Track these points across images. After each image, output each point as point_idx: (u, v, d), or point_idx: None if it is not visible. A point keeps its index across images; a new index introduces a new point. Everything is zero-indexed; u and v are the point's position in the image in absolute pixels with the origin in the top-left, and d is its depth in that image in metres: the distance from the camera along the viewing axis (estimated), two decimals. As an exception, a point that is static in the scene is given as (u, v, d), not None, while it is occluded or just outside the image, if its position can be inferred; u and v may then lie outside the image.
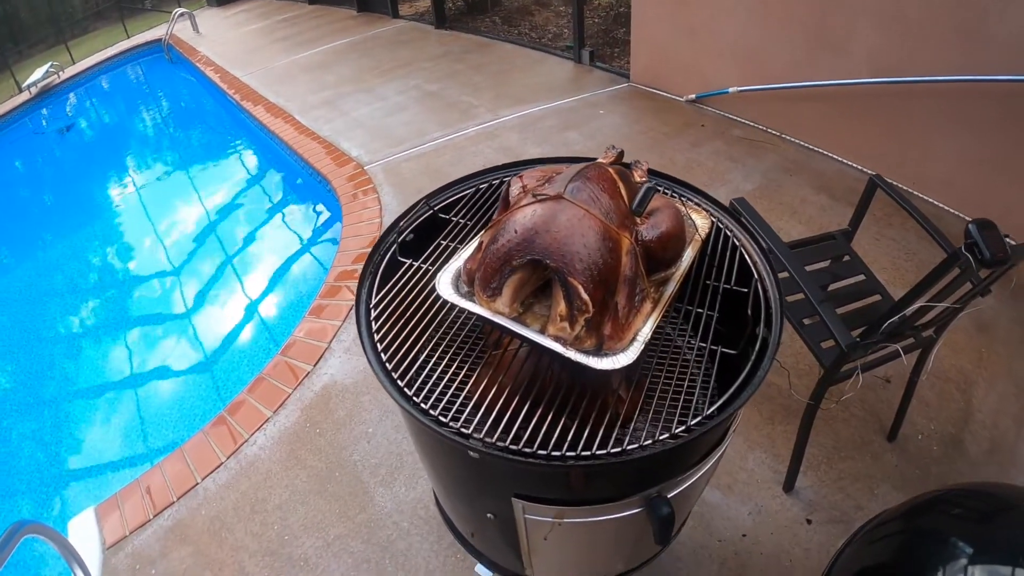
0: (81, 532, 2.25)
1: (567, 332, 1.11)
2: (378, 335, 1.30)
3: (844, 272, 2.17)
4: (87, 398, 3.01)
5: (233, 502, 2.22)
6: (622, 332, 1.12)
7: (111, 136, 5.67)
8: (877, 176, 2.19)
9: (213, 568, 2.11)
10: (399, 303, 1.37)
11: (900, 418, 2.25)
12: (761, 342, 1.25)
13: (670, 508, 1.19)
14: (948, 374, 2.48)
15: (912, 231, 3.05)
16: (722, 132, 4.14)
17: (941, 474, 2.20)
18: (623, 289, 1.12)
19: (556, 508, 1.20)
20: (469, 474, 1.27)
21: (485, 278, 1.16)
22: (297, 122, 4.44)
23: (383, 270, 1.45)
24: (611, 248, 1.11)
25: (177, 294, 3.72)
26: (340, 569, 2.05)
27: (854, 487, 2.17)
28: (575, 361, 1.09)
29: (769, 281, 1.36)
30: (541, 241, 1.11)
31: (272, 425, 2.40)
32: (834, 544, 2.05)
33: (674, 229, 1.22)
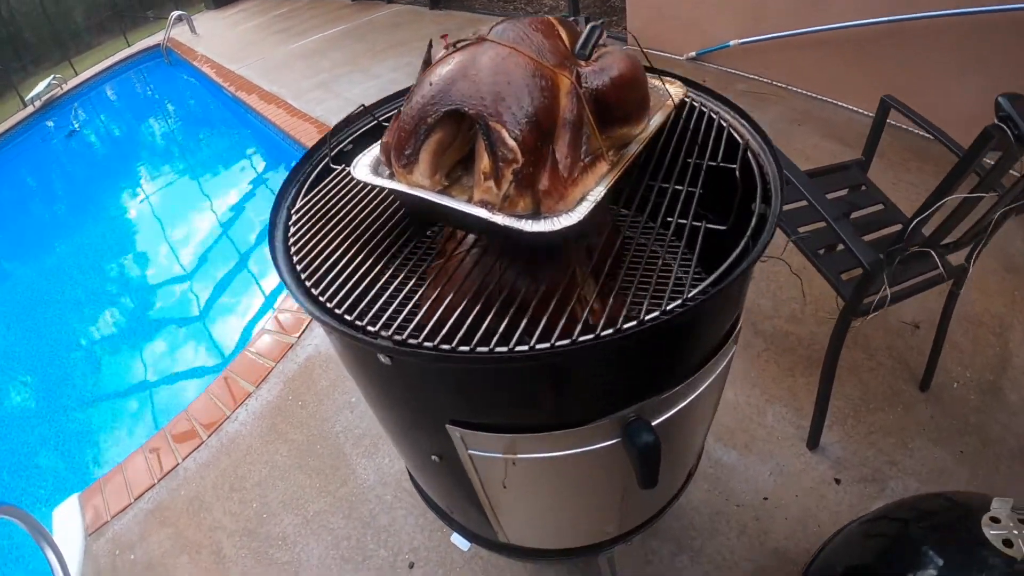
0: (65, 519, 1.95)
1: (493, 193, 0.76)
2: (294, 238, 0.97)
3: (861, 201, 1.77)
4: (70, 383, 2.71)
5: (212, 481, 1.90)
6: (564, 189, 0.76)
7: (112, 138, 5.44)
8: (889, 96, 1.80)
9: (190, 551, 1.78)
10: (326, 207, 1.03)
11: (932, 365, 1.83)
12: (758, 219, 0.88)
13: (653, 436, 0.82)
14: (981, 318, 2.04)
15: (931, 174, 2.60)
16: (725, 88, 3.65)
17: (980, 424, 1.77)
18: (563, 134, 0.77)
19: (504, 438, 0.84)
20: (392, 395, 0.92)
21: (399, 145, 0.82)
22: (290, 106, 4.15)
23: (313, 179, 1.12)
24: (544, 86, 0.77)
25: (162, 273, 3.44)
26: (319, 547, 1.71)
27: (886, 441, 1.75)
28: (502, 227, 0.74)
29: (765, 156, 0.99)
30: (458, 88, 0.77)
31: (254, 400, 2.08)
32: (866, 506, 1.64)
33: (628, 72, 0.85)
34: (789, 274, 2.12)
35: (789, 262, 2.17)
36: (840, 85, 3.20)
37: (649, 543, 1.59)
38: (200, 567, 1.75)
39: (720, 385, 1.02)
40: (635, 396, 0.82)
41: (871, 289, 1.49)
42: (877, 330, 1.97)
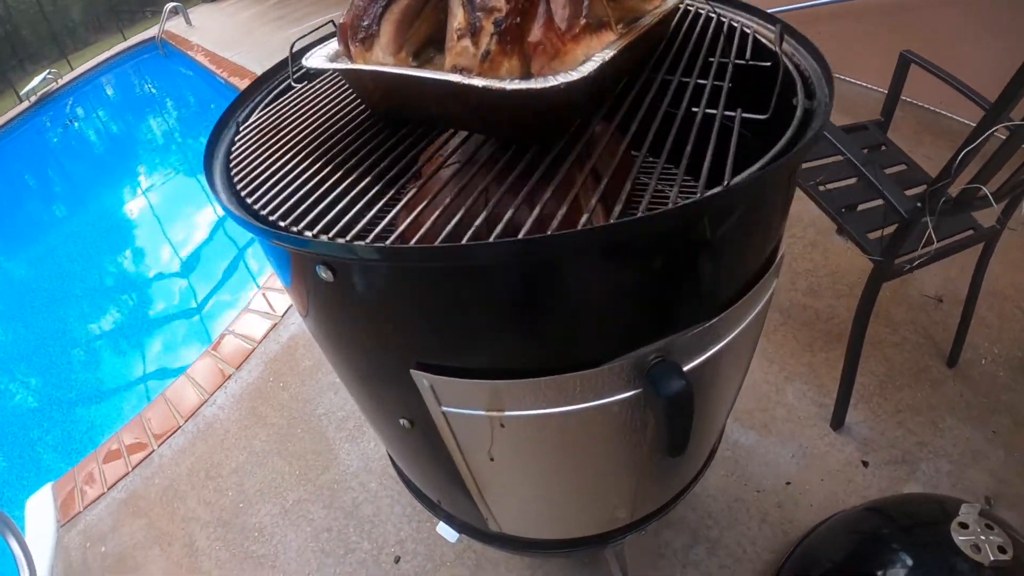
0: (38, 510, 1.70)
1: (470, 54, 0.51)
2: (239, 149, 0.73)
3: (883, 160, 1.52)
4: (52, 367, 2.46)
5: (188, 468, 1.64)
6: (561, 43, 0.52)
7: (107, 131, 5.14)
8: (908, 51, 1.56)
9: (162, 542, 1.53)
10: (283, 121, 0.79)
11: (961, 340, 1.57)
12: (803, 113, 0.64)
13: (684, 382, 0.57)
14: (1005, 292, 1.78)
15: (946, 147, 2.35)
16: None
17: (1012, 403, 1.51)
18: None
19: (486, 388, 0.59)
20: (342, 331, 0.67)
21: (356, 18, 0.59)
22: None
23: (273, 97, 0.88)
24: None
25: (151, 257, 3.16)
26: (298, 539, 1.45)
27: (915, 421, 1.49)
28: (482, 90, 0.50)
29: (799, 55, 0.75)
30: None
31: (234, 383, 1.82)
32: (896, 490, 1.38)
33: None
34: (805, 244, 1.87)
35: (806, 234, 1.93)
36: (849, 62, 2.90)
37: (662, 534, 1.32)
38: (172, 560, 1.49)
39: (756, 332, 0.77)
40: (659, 328, 0.57)
41: (905, 247, 1.24)
42: (900, 304, 1.71)
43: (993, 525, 0.99)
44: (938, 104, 2.48)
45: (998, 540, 0.96)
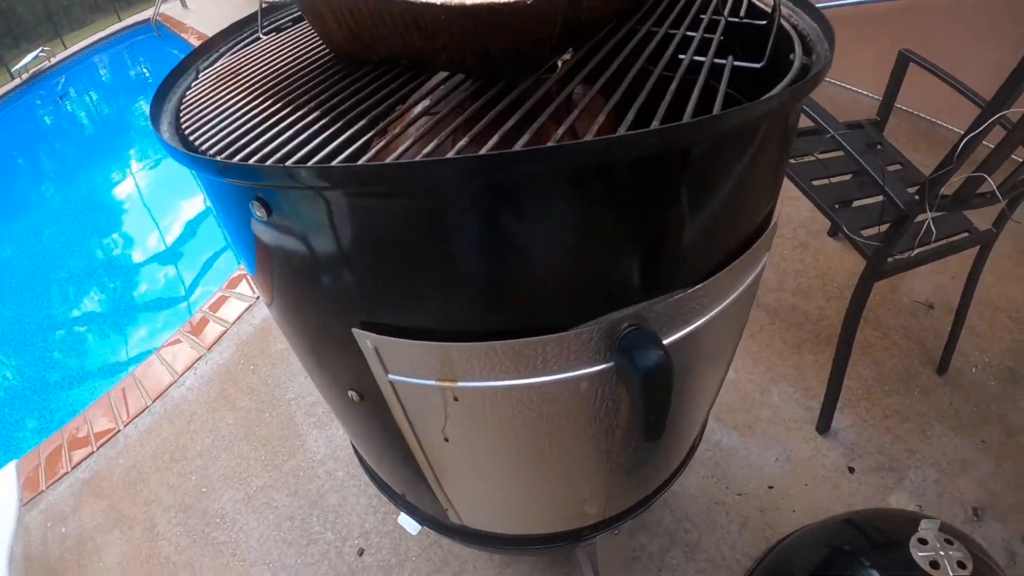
0: (1, 488, 1.59)
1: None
2: (192, 92, 0.65)
3: (879, 159, 1.45)
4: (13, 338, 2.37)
5: (152, 450, 1.55)
6: None
7: (98, 110, 5.01)
8: (907, 50, 1.49)
9: (123, 525, 1.43)
10: (244, 65, 0.70)
11: (951, 348, 1.49)
12: (800, 68, 0.55)
13: (663, 353, 0.49)
14: (997, 302, 1.70)
15: (941, 155, 2.28)
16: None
17: (1002, 413, 1.43)
18: None
19: (437, 351, 0.50)
20: (281, 279, 0.58)
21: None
22: None
23: (243, 45, 0.80)
24: None
25: (134, 236, 3.04)
26: (260, 527, 1.35)
27: (903, 427, 1.41)
28: (438, 7, 0.41)
29: (797, 16, 0.67)
30: None
31: (204, 364, 1.72)
32: (883, 498, 1.30)
33: None
34: (794, 246, 1.78)
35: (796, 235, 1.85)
36: (843, 68, 2.84)
37: (637, 537, 1.23)
38: (131, 544, 1.39)
39: (743, 313, 0.68)
40: (635, 292, 0.49)
41: (899, 245, 1.16)
42: (890, 309, 1.64)
43: (953, 540, 0.91)
44: (934, 113, 2.41)
45: (957, 555, 0.89)
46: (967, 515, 1.26)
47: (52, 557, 1.42)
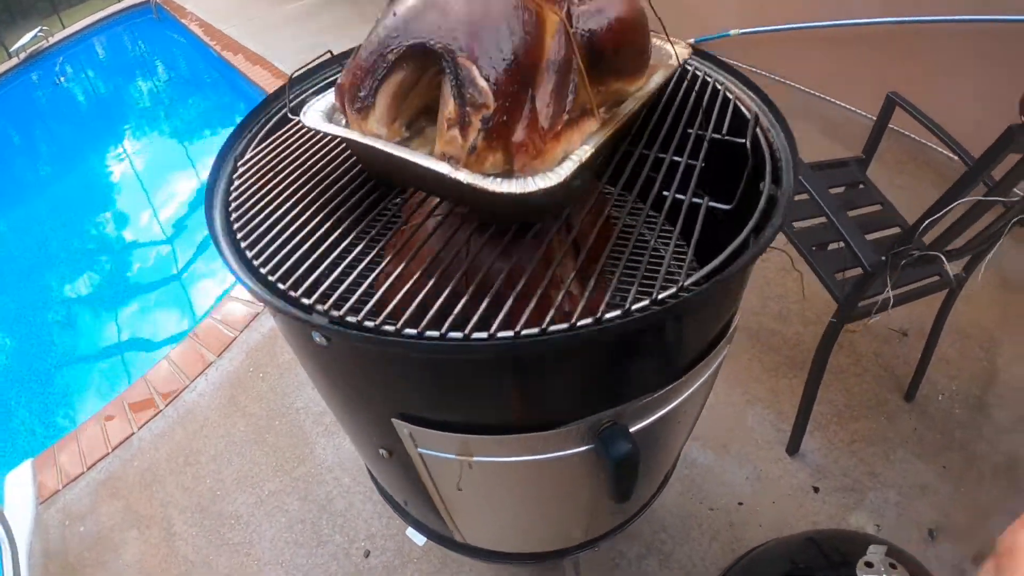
0: (17, 486, 1.78)
1: (458, 144, 0.60)
2: (236, 192, 0.81)
3: (860, 200, 1.63)
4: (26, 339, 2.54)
5: (167, 453, 1.74)
6: (543, 143, 0.61)
7: (97, 93, 5.06)
8: (894, 93, 1.65)
9: (140, 525, 1.63)
10: (279, 161, 0.87)
11: (920, 376, 1.70)
12: (767, 200, 0.73)
13: (631, 445, 0.67)
14: (968, 330, 1.91)
15: (927, 179, 2.46)
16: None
17: (966, 440, 1.64)
18: (546, 79, 0.62)
19: (458, 439, 0.69)
20: (333, 379, 0.77)
21: (353, 85, 0.67)
22: (278, 70, 3.82)
23: (268, 130, 0.96)
24: (528, 21, 0.61)
25: (137, 233, 3.17)
26: (272, 529, 1.56)
27: (868, 451, 1.62)
28: (467, 186, 0.58)
29: (774, 131, 0.84)
30: (426, 20, 0.61)
31: (215, 370, 1.92)
32: (843, 517, 1.51)
33: (629, 15, 0.70)
34: (778, 269, 1.98)
35: (782, 259, 2.03)
36: (842, 84, 3.01)
37: (617, 544, 1.45)
38: (149, 543, 1.59)
39: (708, 389, 0.87)
40: (613, 398, 0.68)
41: (868, 292, 1.35)
42: (864, 335, 1.84)
43: (897, 565, 1.10)
44: (922, 135, 2.59)
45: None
46: (923, 536, 1.48)
47: (71, 554, 1.62)
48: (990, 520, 1.49)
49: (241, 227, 0.75)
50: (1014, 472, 1.59)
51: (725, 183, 0.78)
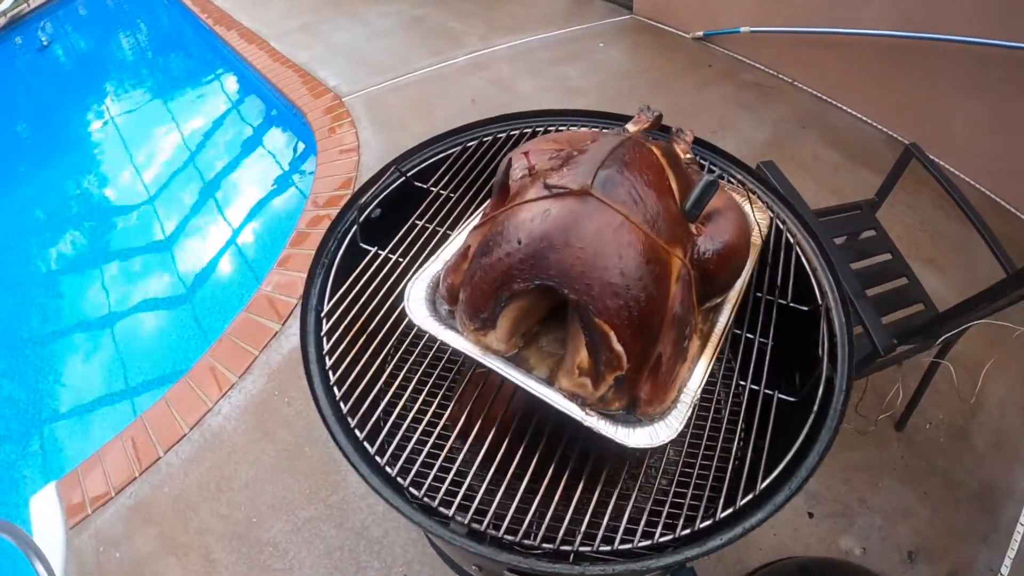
0: (44, 510, 1.91)
1: (588, 391, 0.75)
2: (330, 361, 0.95)
3: (869, 249, 1.82)
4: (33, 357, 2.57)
5: (197, 479, 1.90)
6: (664, 392, 0.77)
7: (82, 62, 4.88)
8: (914, 145, 1.81)
9: (178, 552, 1.81)
10: (359, 312, 1.00)
11: (913, 406, 1.96)
12: (826, 384, 0.92)
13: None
14: (961, 359, 2.15)
15: (926, 197, 2.67)
16: (731, 75, 3.61)
17: (946, 467, 1.92)
18: (670, 332, 0.76)
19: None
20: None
21: (473, 304, 0.80)
22: (272, 48, 3.79)
23: (340, 259, 1.08)
24: (658, 275, 0.74)
25: (134, 231, 3.14)
26: (312, 555, 1.76)
27: (859, 478, 1.89)
28: (598, 433, 0.75)
29: (832, 296, 1.02)
30: (557, 259, 0.73)
31: (237, 392, 2.06)
32: (834, 540, 1.79)
33: (739, 241, 0.85)
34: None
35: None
36: (851, 91, 3.18)
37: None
38: (189, 570, 1.77)
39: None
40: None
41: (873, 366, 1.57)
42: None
43: None
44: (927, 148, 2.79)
45: None
46: (902, 557, 1.77)
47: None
48: (964, 543, 1.79)
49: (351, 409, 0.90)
50: (986, 497, 1.88)
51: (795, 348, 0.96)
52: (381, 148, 3.04)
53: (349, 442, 0.87)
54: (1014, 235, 2.65)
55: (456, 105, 3.36)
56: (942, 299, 2.29)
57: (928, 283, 2.36)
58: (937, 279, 2.40)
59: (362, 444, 0.89)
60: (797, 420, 0.92)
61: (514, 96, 3.43)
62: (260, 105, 3.82)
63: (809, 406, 0.91)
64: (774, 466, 0.88)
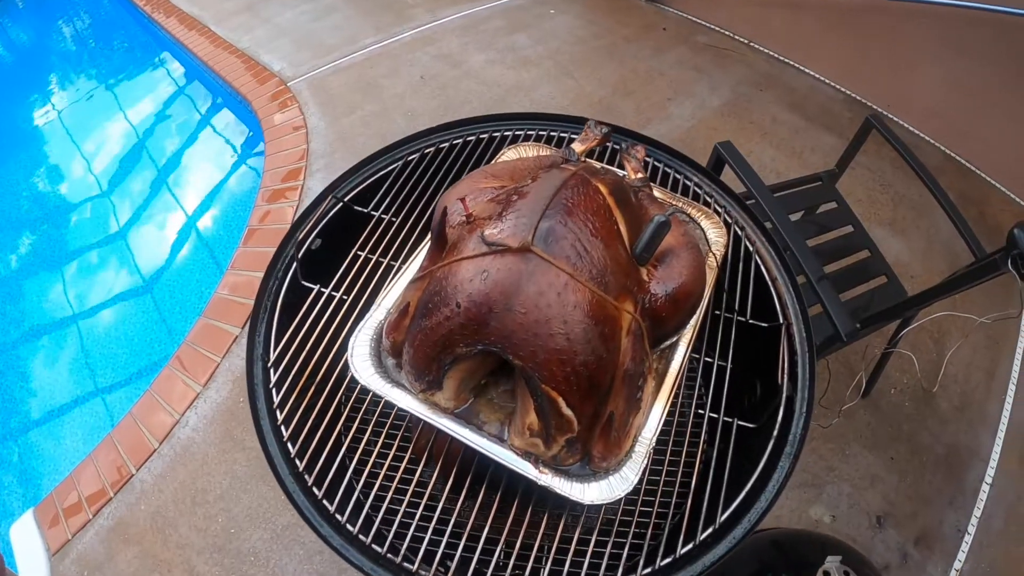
0: (24, 538, 1.88)
1: (540, 450, 0.74)
2: (281, 415, 0.93)
3: (830, 222, 1.81)
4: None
5: (172, 494, 1.89)
6: (618, 446, 0.76)
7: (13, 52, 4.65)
8: (874, 116, 1.78)
9: (161, 569, 1.80)
10: (306, 359, 0.97)
11: (877, 374, 1.99)
12: (785, 407, 0.91)
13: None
14: (922, 323, 2.19)
15: (887, 160, 2.66)
16: (686, 37, 3.54)
17: (912, 432, 1.98)
18: (621, 390, 0.75)
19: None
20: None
21: (417, 367, 0.77)
22: (213, 33, 3.59)
23: (283, 299, 1.05)
24: (606, 334, 0.72)
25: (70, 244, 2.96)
26: (293, 562, 1.78)
27: (826, 447, 1.93)
28: (555, 492, 0.74)
29: (794, 311, 1.01)
30: (499, 324, 0.71)
31: (203, 402, 2.03)
32: (804, 510, 1.84)
33: (692, 282, 0.83)
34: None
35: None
36: (807, 51, 3.14)
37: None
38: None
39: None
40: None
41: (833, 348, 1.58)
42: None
43: (851, 572, 1.42)
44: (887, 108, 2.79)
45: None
46: (871, 524, 1.82)
47: (98, 604, 1.80)
48: (931, 506, 1.85)
49: (309, 468, 0.89)
50: (952, 460, 1.94)
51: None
52: (330, 134, 2.94)
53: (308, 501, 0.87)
54: (973, 194, 2.67)
55: (405, 83, 3.23)
56: (904, 265, 2.33)
57: (890, 247, 2.39)
58: (899, 243, 2.42)
59: (321, 503, 0.88)
60: (757, 446, 0.92)
61: (464, 71, 3.30)
62: (205, 95, 3.62)
63: (768, 431, 0.90)
64: (733, 498, 0.88)
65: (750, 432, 0.94)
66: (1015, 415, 2.06)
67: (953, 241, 1.66)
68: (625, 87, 3.20)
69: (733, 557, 1.71)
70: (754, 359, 1.03)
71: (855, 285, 1.74)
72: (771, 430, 0.91)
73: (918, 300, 1.36)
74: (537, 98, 3.13)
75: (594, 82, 3.24)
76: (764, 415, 0.94)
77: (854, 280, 1.74)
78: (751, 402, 1.06)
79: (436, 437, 0.91)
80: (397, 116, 3.00)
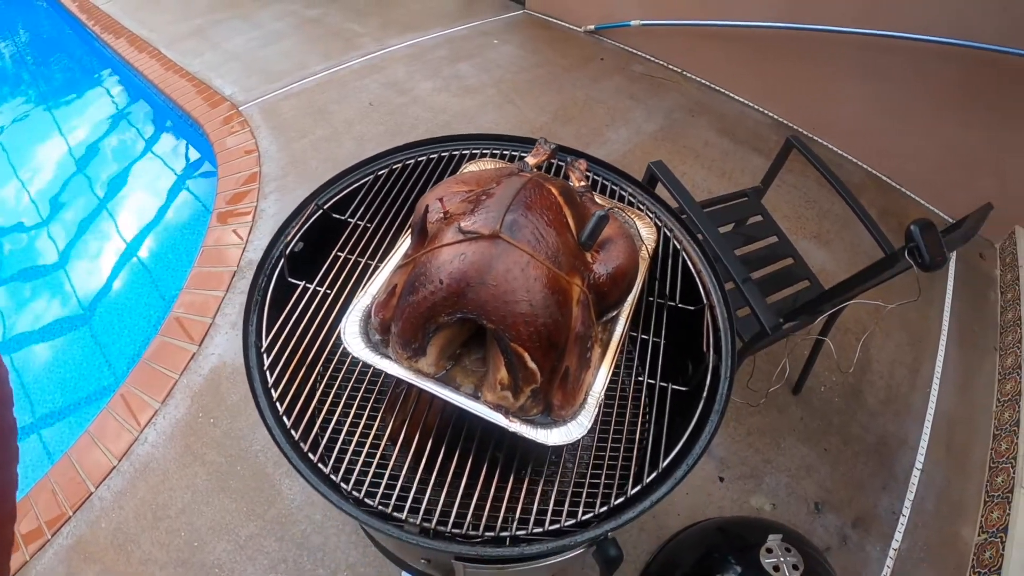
0: None
1: (509, 402, 0.95)
2: (276, 392, 1.11)
3: (757, 234, 2.11)
4: None
5: (133, 510, 1.99)
6: (573, 396, 0.98)
7: None
8: (794, 137, 2.10)
9: (123, 585, 1.91)
10: (296, 344, 1.16)
11: (806, 374, 2.28)
12: (712, 373, 1.15)
13: (618, 550, 1.10)
14: (847, 324, 2.52)
15: (812, 178, 3.03)
16: (622, 67, 3.92)
17: (842, 424, 2.26)
18: (574, 348, 0.97)
19: (498, 567, 1.09)
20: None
21: (405, 336, 0.98)
22: (164, 56, 3.75)
23: (271, 294, 1.23)
24: (561, 302, 0.94)
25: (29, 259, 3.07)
26: (258, 571, 1.90)
27: (762, 441, 2.20)
28: (523, 437, 0.95)
29: (716, 296, 1.25)
30: (475, 296, 0.92)
31: (162, 418, 2.15)
32: (746, 500, 2.09)
33: (628, 264, 1.06)
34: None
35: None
36: (736, 79, 3.55)
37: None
38: (137, 602, 1.88)
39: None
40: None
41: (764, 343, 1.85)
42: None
43: (792, 548, 1.64)
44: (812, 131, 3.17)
45: (793, 560, 1.59)
46: (810, 509, 2.08)
47: (59, 625, 1.87)
48: (865, 492, 2.12)
49: (304, 436, 1.06)
50: (882, 448, 2.23)
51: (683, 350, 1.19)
52: (282, 157, 3.14)
53: (307, 466, 1.03)
54: (893, 208, 3.05)
55: (354, 109, 3.47)
56: (829, 273, 2.66)
57: (815, 258, 2.72)
58: (824, 254, 2.76)
59: (317, 466, 1.05)
60: (690, 406, 1.14)
61: (411, 98, 3.58)
62: (156, 117, 3.77)
63: (699, 394, 1.13)
64: (672, 447, 1.10)
65: (684, 395, 1.16)
66: (940, 406, 2.37)
67: (875, 251, 1.95)
68: (565, 114, 3.52)
69: (681, 542, 1.94)
70: (684, 340, 1.26)
71: (780, 289, 2.02)
72: (701, 392, 1.14)
73: (833, 294, 1.63)
74: (481, 124, 3.41)
75: (535, 109, 3.55)
76: (694, 381, 1.17)
77: (779, 284, 2.02)
78: (683, 372, 1.28)
79: (418, 400, 1.12)
80: (347, 141, 3.22)
